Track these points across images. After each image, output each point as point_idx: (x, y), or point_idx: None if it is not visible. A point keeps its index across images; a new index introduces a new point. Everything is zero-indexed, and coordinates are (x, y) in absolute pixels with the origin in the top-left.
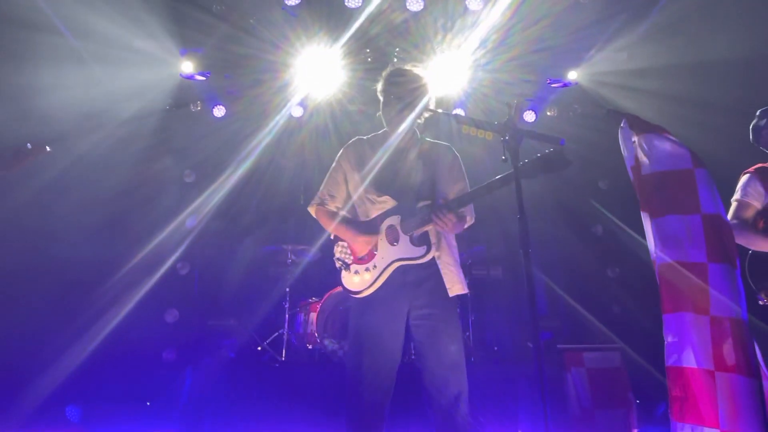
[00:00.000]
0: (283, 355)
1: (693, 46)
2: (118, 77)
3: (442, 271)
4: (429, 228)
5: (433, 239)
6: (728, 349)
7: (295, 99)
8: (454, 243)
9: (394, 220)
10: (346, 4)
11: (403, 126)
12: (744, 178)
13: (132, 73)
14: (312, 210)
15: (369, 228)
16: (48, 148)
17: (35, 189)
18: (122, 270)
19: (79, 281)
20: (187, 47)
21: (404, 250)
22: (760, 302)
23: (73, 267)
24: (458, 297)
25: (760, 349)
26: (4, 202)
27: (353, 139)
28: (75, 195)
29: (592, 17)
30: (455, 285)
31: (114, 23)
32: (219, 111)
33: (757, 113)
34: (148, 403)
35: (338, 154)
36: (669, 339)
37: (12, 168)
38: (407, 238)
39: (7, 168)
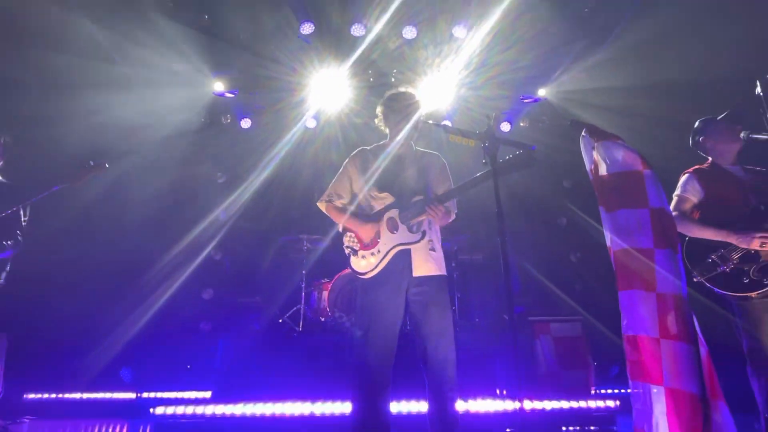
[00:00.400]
0: (300, 327)
1: (644, 69)
2: (162, 96)
3: (412, 256)
4: (423, 218)
5: (424, 228)
6: (671, 320)
7: (310, 113)
8: (439, 234)
9: (393, 212)
10: (351, 32)
11: (401, 135)
12: (684, 177)
13: (173, 92)
14: (322, 206)
15: (372, 220)
16: (107, 165)
17: (98, 192)
18: (167, 256)
19: (132, 265)
20: (218, 70)
21: (403, 237)
22: (695, 279)
23: (128, 254)
24: (444, 277)
25: (698, 319)
26: (75, 203)
27: (358, 149)
28: (129, 195)
29: (557, 42)
30: (419, 268)
31: (157, 52)
32: (246, 123)
33: (696, 123)
34: (188, 366)
35: (345, 161)
36: (624, 312)
37: (76, 182)
38: (405, 227)
39: (72, 182)
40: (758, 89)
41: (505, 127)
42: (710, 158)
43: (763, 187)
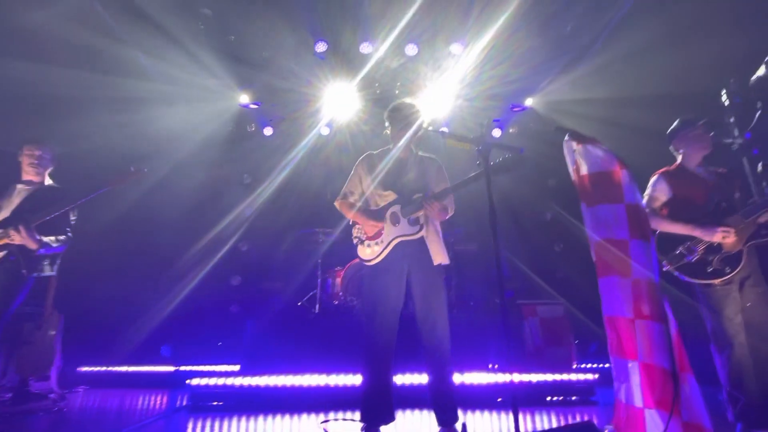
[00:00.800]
0: (317, 309)
1: (619, 82)
2: (195, 109)
3: (429, 247)
4: (421, 213)
5: (422, 222)
6: (644, 303)
7: (324, 121)
8: (439, 228)
9: (395, 208)
10: (360, 50)
11: (403, 141)
12: (653, 178)
13: (205, 105)
14: (337, 203)
15: (377, 214)
16: (146, 170)
17: (141, 191)
18: (200, 248)
19: (170, 255)
20: (243, 84)
21: (403, 229)
22: (664, 268)
23: (166, 245)
24: (442, 265)
25: (670, 303)
26: (123, 201)
27: (365, 154)
28: (167, 194)
29: (544, 58)
30: (437, 256)
31: (191, 72)
32: (268, 131)
33: (675, 122)
34: (219, 343)
35: (355, 164)
36: (603, 296)
37: (119, 184)
38: (405, 220)
39: (115, 184)
40: (723, 97)
41: (496, 133)
42: (679, 159)
43: (724, 186)
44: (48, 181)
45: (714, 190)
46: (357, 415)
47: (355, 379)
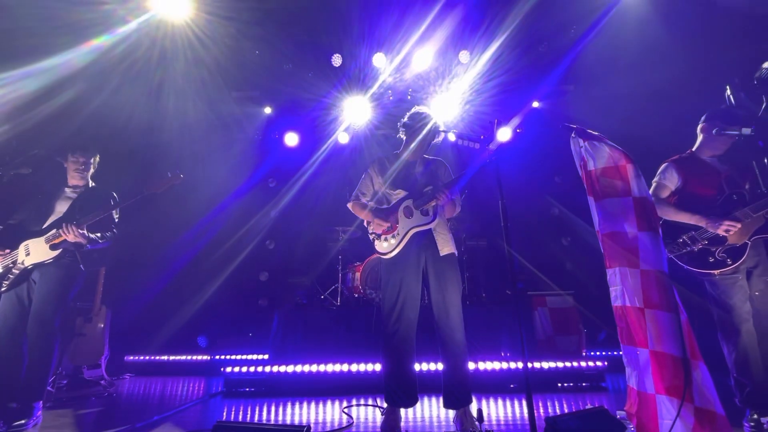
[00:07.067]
0: (338, 301)
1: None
2: (225, 119)
3: (436, 238)
4: (433, 203)
5: (433, 212)
6: (653, 293)
7: (342, 128)
8: (446, 221)
9: (408, 202)
10: (374, 63)
11: (413, 145)
12: (663, 166)
13: (233, 117)
14: (350, 205)
15: (388, 212)
16: (182, 176)
17: (179, 195)
18: (231, 246)
19: (205, 254)
20: (268, 95)
21: (417, 220)
22: (668, 255)
23: (201, 245)
24: (455, 255)
25: (678, 291)
26: (159, 203)
27: (377, 158)
28: (202, 196)
29: (547, 63)
30: (444, 247)
31: (222, 90)
32: (290, 137)
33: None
34: (250, 334)
35: (368, 167)
36: (612, 287)
37: (158, 189)
38: (418, 212)
39: (155, 189)
40: (728, 92)
41: (504, 133)
42: (693, 148)
43: (736, 177)
44: (91, 184)
45: (725, 180)
46: (379, 400)
47: (375, 367)
